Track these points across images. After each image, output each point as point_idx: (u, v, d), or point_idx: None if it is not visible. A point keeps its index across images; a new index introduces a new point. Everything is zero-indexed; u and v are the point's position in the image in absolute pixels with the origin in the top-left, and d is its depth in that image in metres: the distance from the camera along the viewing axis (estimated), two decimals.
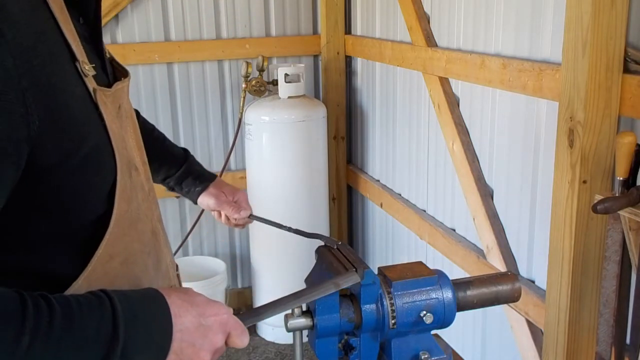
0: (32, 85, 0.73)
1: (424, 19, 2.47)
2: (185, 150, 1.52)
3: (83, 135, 0.81)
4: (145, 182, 1.01)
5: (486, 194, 2.14)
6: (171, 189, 1.50)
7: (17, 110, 0.71)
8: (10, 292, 0.71)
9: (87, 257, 0.85)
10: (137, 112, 1.23)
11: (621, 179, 1.39)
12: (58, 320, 0.71)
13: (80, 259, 0.85)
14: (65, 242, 0.85)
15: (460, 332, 2.35)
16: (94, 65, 0.87)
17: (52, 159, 0.77)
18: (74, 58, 0.82)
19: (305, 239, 1.26)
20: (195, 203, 1.52)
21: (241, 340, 0.88)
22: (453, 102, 2.31)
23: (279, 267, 3.14)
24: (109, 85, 0.92)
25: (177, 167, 1.47)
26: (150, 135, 1.38)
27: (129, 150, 0.95)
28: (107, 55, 1.00)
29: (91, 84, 0.85)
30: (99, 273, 0.86)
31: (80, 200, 0.83)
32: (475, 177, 2.16)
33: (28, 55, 0.73)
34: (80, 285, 0.84)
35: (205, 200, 1.50)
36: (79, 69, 0.82)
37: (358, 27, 3.23)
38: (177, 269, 1.15)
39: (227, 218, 1.54)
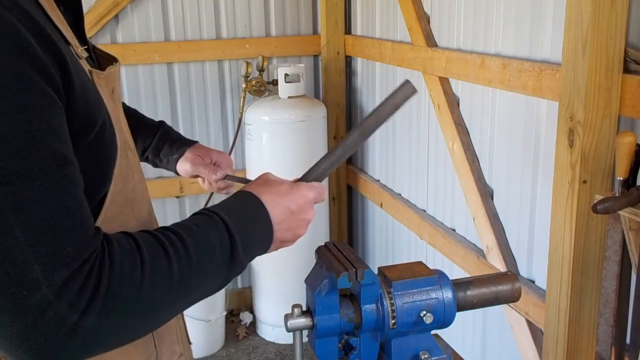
0: (55, 61, 0.74)
1: (424, 19, 2.47)
2: (160, 121, 1.46)
3: (98, 110, 0.84)
4: (139, 164, 1.04)
5: (486, 194, 2.14)
6: (153, 163, 1.43)
7: (57, 83, 0.74)
8: (141, 233, 0.82)
9: None
10: None
11: (621, 179, 1.39)
12: (189, 242, 0.83)
13: None
14: None
15: (460, 332, 2.35)
16: (85, 47, 0.89)
17: (73, 132, 0.79)
18: (66, 42, 0.83)
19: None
20: (177, 173, 1.45)
21: (324, 198, 1.04)
22: (453, 102, 2.31)
23: (279, 267, 3.14)
24: (99, 69, 0.94)
25: (151, 136, 1.41)
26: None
27: (124, 132, 0.97)
28: (90, 44, 1.01)
29: (85, 66, 0.87)
30: None
31: (90, 177, 0.85)
32: (475, 177, 2.16)
33: (44, 37, 0.74)
34: None
35: (182, 166, 1.42)
36: (73, 51, 0.84)
37: (358, 27, 3.23)
38: None
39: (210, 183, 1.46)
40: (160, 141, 1.41)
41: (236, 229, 0.88)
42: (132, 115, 1.37)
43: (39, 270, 0.69)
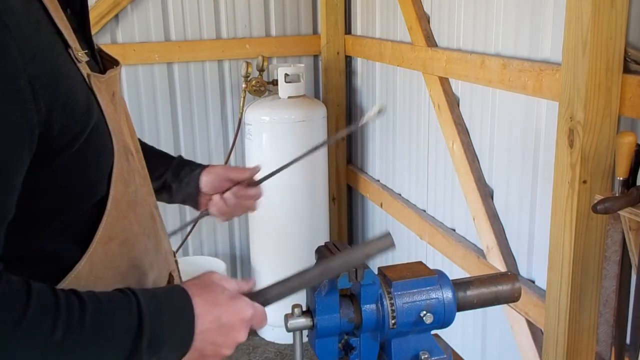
0: (38, 73, 0.74)
1: (424, 19, 2.47)
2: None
3: (87, 118, 0.83)
4: (141, 168, 1.03)
5: (486, 194, 2.14)
6: (168, 187, 1.32)
7: (28, 98, 0.73)
8: (44, 287, 0.75)
9: (88, 240, 0.87)
10: None
11: (621, 179, 1.39)
12: (89, 315, 0.75)
13: (82, 242, 0.87)
14: (68, 225, 0.86)
15: (460, 332, 2.35)
16: (86, 51, 0.89)
17: (59, 143, 0.79)
18: (67, 45, 0.83)
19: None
20: (197, 191, 1.31)
21: (262, 326, 0.92)
22: (453, 102, 2.31)
23: (279, 267, 3.14)
24: (101, 73, 0.94)
25: (171, 159, 1.33)
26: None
27: (124, 135, 0.96)
28: (96, 46, 1.01)
29: (85, 69, 0.86)
30: (100, 255, 0.88)
31: (82, 182, 0.85)
32: (475, 177, 2.16)
33: (30, 44, 0.74)
34: (82, 267, 0.85)
35: (208, 176, 1.30)
36: (72, 55, 0.84)
37: (358, 27, 3.23)
38: (174, 255, 1.16)
39: (230, 206, 1.32)
40: (180, 164, 1.33)
41: (150, 322, 0.79)
42: (147, 146, 1.28)
43: None
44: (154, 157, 1.27)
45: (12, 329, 0.70)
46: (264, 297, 0.94)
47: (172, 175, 1.31)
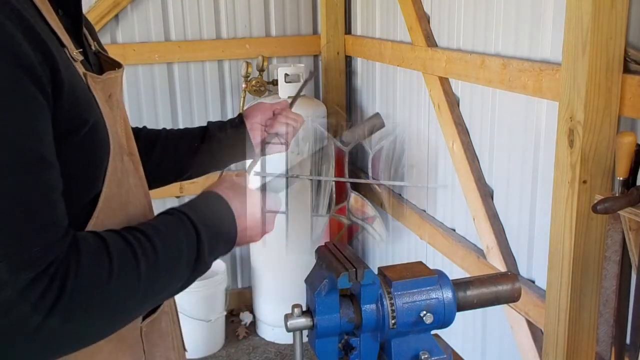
0: (42, 60, 0.75)
1: (424, 19, 2.47)
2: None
3: (89, 112, 0.85)
4: (136, 170, 1.04)
5: (486, 194, 2.14)
6: (218, 142, 1.37)
7: (43, 78, 0.74)
8: (111, 232, 0.84)
9: None
10: (144, 127, 1.33)
11: (621, 179, 1.39)
12: (157, 243, 0.85)
13: None
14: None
15: (460, 332, 2.35)
16: (80, 50, 0.89)
17: (65, 126, 0.79)
18: (61, 45, 0.84)
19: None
20: (241, 125, 1.39)
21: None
22: (453, 102, 2.31)
23: (279, 267, 3.14)
24: (97, 74, 0.94)
25: (198, 133, 1.38)
26: (163, 132, 1.36)
27: (119, 136, 0.96)
28: (93, 48, 1.01)
29: (80, 68, 0.87)
30: None
31: (83, 176, 0.86)
32: (475, 177, 2.16)
33: (33, 34, 0.75)
34: None
35: (252, 115, 1.40)
36: (68, 54, 0.84)
37: (358, 27, 3.23)
38: None
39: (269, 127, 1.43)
40: (215, 123, 1.42)
41: (204, 232, 0.91)
42: (172, 130, 1.39)
43: (5, 270, 0.68)
44: (184, 132, 1.38)
45: (108, 279, 0.77)
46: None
47: (217, 128, 1.39)
